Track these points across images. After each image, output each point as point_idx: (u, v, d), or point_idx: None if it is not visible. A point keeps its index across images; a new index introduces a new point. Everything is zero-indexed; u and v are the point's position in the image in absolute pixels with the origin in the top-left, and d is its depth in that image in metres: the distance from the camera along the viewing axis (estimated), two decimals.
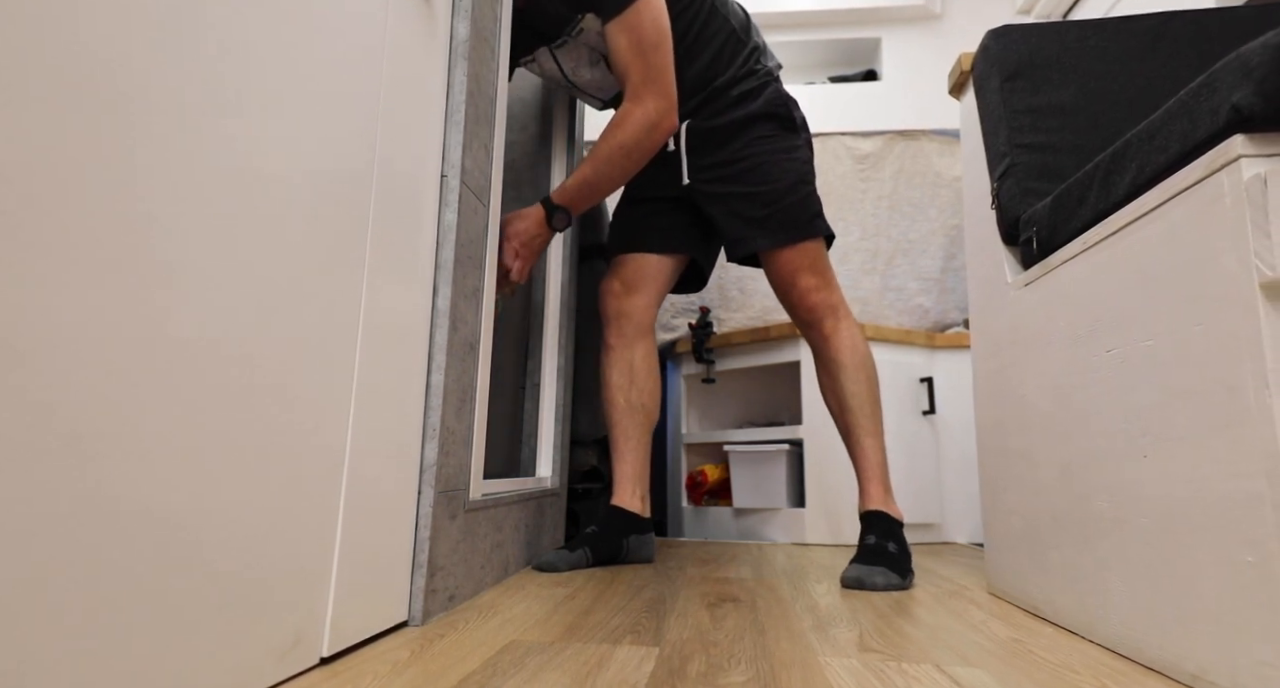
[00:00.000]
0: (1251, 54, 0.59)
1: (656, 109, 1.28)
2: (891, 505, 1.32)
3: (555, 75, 1.45)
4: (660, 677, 0.66)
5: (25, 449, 0.37)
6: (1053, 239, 0.94)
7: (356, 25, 0.71)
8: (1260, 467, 0.58)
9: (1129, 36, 1.09)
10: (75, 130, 0.39)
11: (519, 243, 1.25)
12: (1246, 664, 0.59)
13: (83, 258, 0.40)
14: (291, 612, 0.60)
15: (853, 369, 1.37)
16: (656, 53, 1.26)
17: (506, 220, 1.26)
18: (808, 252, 1.40)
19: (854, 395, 1.36)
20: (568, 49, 1.38)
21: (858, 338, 1.40)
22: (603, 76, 1.43)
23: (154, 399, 0.45)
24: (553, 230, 1.29)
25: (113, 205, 0.42)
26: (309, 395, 0.62)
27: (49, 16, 0.38)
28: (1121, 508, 0.77)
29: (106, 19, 0.41)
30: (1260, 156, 0.58)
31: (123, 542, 0.43)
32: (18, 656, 0.37)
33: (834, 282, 1.42)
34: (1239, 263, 0.60)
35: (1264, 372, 0.57)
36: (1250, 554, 0.59)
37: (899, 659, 0.74)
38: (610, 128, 1.29)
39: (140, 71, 0.44)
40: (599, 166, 1.29)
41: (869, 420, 1.36)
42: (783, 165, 1.40)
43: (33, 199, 0.37)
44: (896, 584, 1.16)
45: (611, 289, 1.48)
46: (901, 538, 1.27)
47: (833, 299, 1.40)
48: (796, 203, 1.40)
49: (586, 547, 1.31)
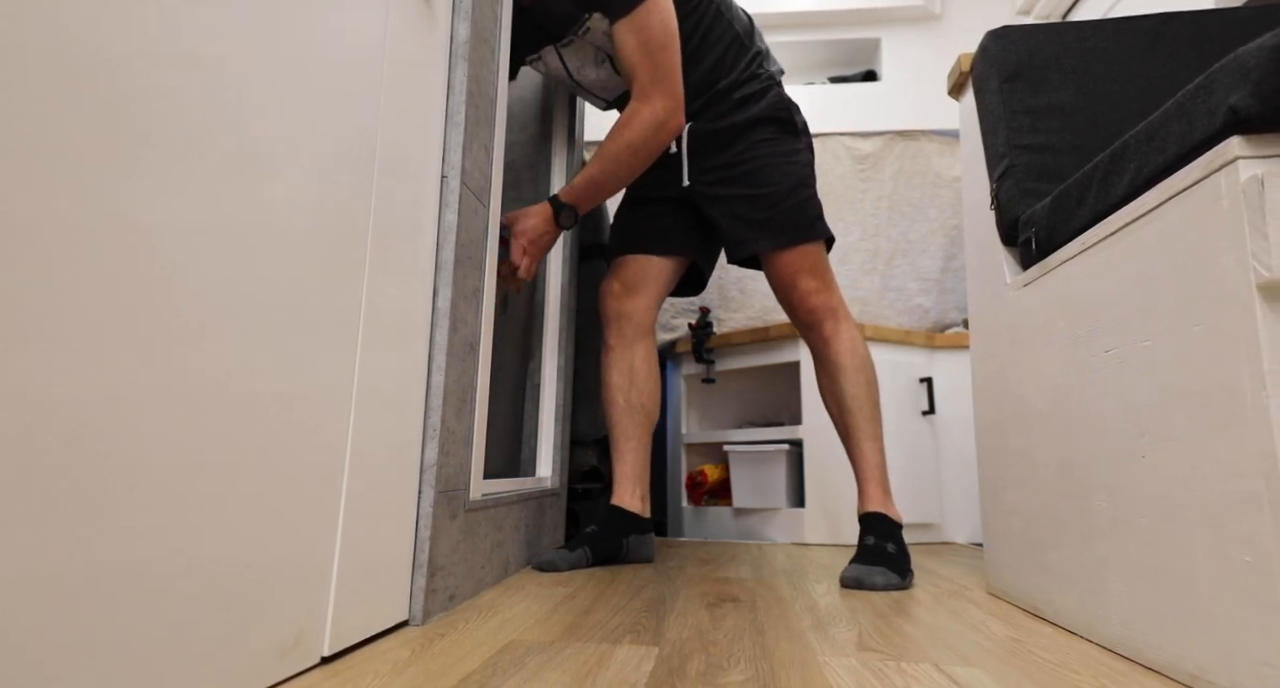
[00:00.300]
0: (1248, 56, 0.59)
1: (664, 108, 1.28)
2: (890, 507, 1.32)
3: (560, 74, 1.46)
4: (660, 676, 0.66)
5: (25, 449, 0.37)
6: (1052, 240, 0.94)
7: (357, 27, 0.71)
8: (1257, 467, 0.58)
9: (1128, 37, 1.10)
10: (78, 130, 0.40)
11: (527, 240, 1.25)
12: (1245, 664, 0.59)
13: (86, 257, 0.40)
14: (293, 611, 0.61)
15: (852, 371, 1.37)
16: (664, 52, 1.27)
17: (513, 218, 1.27)
18: (808, 254, 1.40)
19: (853, 397, 1.37)
20: (574, 48, 1.38)
21: (857, 340, 1.40)
22: (608, 76, 1.43)
23: (155, 400, 0.45)
24: (560, 228, 1.30)
25: (115, 205, 0.42)
26: (310, 396, 0.63)
27: (59, 18, 0.38)
28: (1120, 508, 0.77)
29: (109, 20, 0.41)
30: (1257, 158, 0.59)
31: (126, 543, 0.43)
32: (26, 655, 0.37)
33: (834, 284, 1.43)
34: (1236, 264, 0.60)
35: (1261, 372, 0.57)
36: (1248, 554, 0.59)
37: (898, 659, 0.74)
38: (617, 127, 1.30)
39: (141, 72, 0.44)
40: (606, 165, 1.29)
41: (868, 423, 1.37)
42: (784, 168, 1.41)
43: (36, 198, 0.37)
44: (896, 584, 1.16)
45: (612, 290, 1.48)
46: (900, 539, 1.27)
47: (832, 301, 1.40)
48: (797, 205, 1.40)
49: (586, 546, 1.31)
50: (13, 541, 0.36)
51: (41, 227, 0.38)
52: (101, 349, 0.41)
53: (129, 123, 0.43)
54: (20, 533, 0.37)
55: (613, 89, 1.47)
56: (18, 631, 0.37)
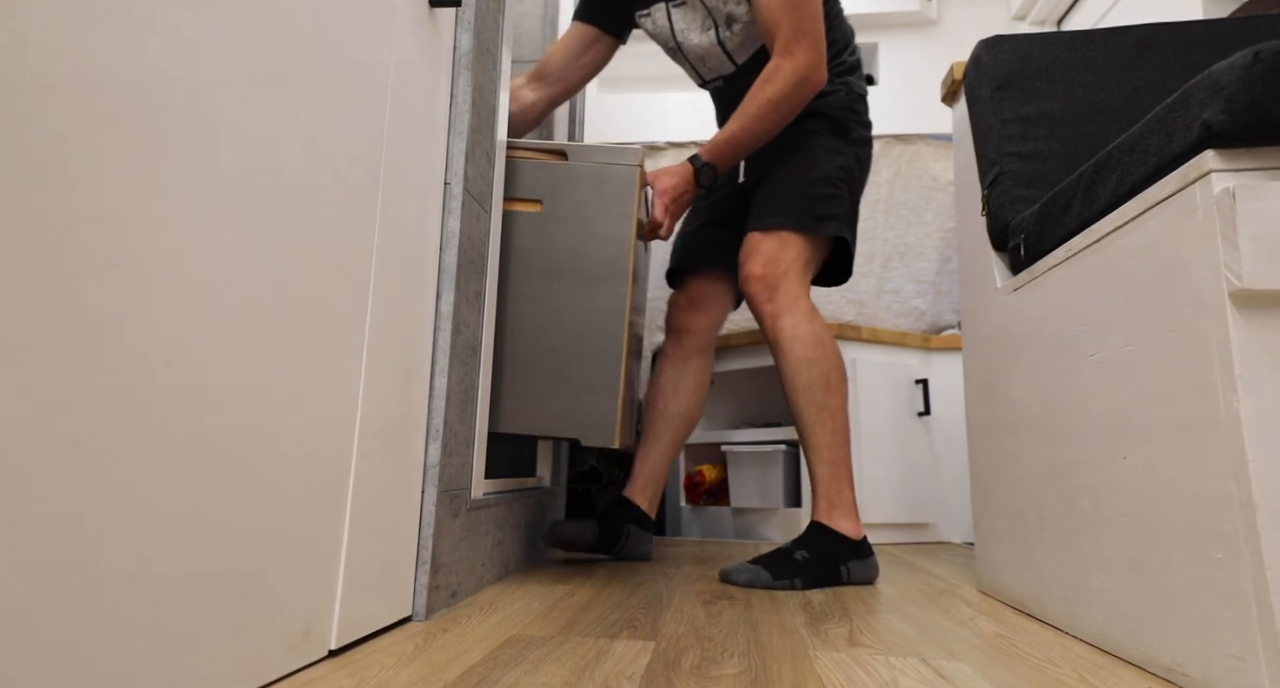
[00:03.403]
0: (1221, 73, 0.61)
1: (807, 63, 1.26)
2: (835, 517, 1.24)
3: (665, 34, 1.45)
4: (656, 669, 0.68)
5: (44, 450, 0.40)
6: (1040, 246, 0.97)
7: (364, 40, 0.74)
8: (1229, 467, 0.60)
9: (1116, 47, 1.12)
10: (99, 143, 0.42)
11: (669, 199, 1.27)
12: (1216, 657, 0.62)
13: (107, 263, 0.43)
14: (302, 606, 0.63)
15: (790, 376, 1.28)
16: (809, 6, 1.26)
17: (655, 176, 1.28)
18: (784, 239, 1.32)
19: (792, 404, 1.29)
20: (686, 9, 1.39)
21: (798, 340, 1.27)
22: (709, 47, 1.42)
23: (174, 403, 0.48)
24: (700, 187, 1.31)
25: (134, 208, 0.45)
26: (318, 397, 0.65)
27: (72, 29, 0.40)
28: (1103, 508, 0.80)
29: (123, 34, 0.44)
30: (1229, 171, 0.61)
31: (151, 542, 0.46)
32: (52, 645, 0.39)
33: (793, 278, 1.31)
34: (1210, 273, 0.62)
35: (1233, 377, 0.60)
36: (1220, 551, 0.61)
37: (886, 653, 0.77)
38: (759, 84, 1.28)
39: (157, 86, 0.46)
40: (748, 123, 1.28)
41: (809, 433, 1.27)
42: (818, 158, 1.37)
43: (55, 198, 0.40)
44: (765, 582, 1.17)
45: (679, 303, 1.51)
46: (823, 547, 1.21)
47: (775, 298, 1.30)
48: (812, 196, 1.35)
49: (594, 521, 1.36)
50: (43, 539, 0.39)
51: (65, 226, 0.40)
52: (122, 354, 0.44)
53: (145, 136, 0.45)
54: (50, 531, 0.39)
55: (709, 63, 1.45)
56: (54, 622, 0.39)
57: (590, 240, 1.15)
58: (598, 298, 1.14)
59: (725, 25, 1.38)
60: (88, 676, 0.42)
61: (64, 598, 0.40)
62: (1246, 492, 0.58)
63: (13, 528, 0.37)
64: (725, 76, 1.46)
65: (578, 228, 1.16)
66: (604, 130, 2.64)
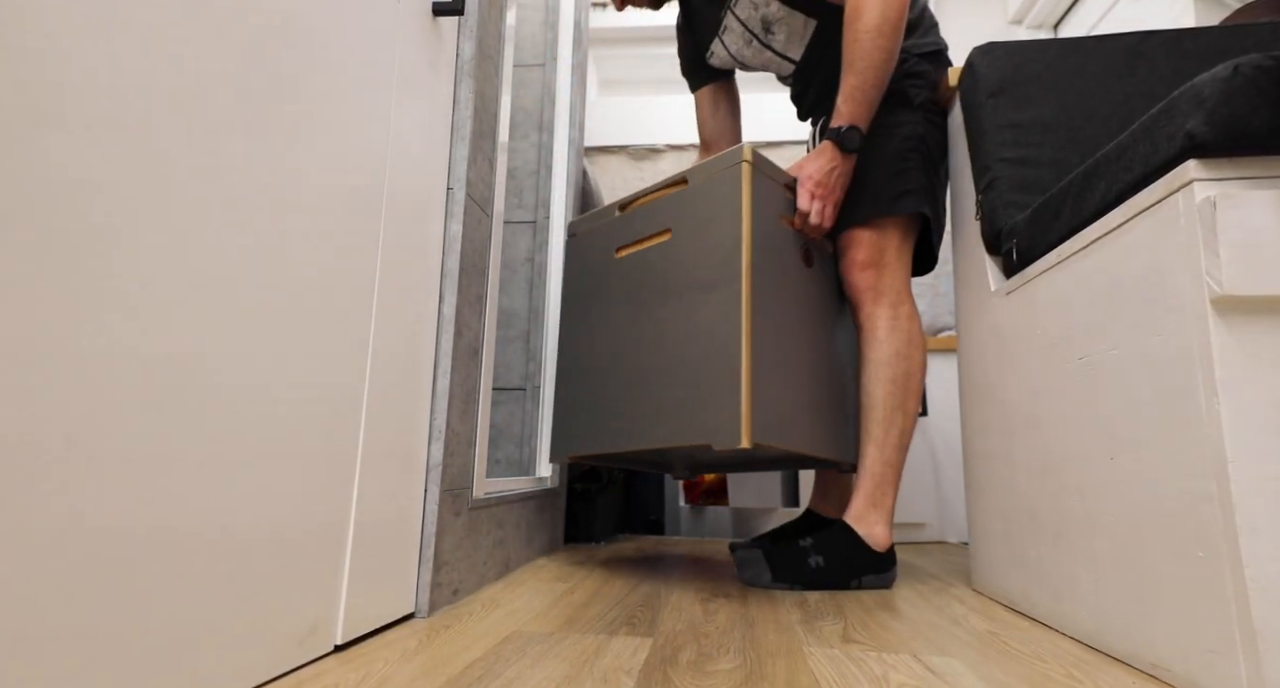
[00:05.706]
0: (1204, 85, 0.63)
1: None
2: (869, 523, 1.20)
3: (731, 62, 1.48)
4: (653, 664, 0.70)
5: (51, 448, 0.41)
6: (1031, 250, 0.98)
7: (369, 48, 0.76)
8: (1210, 468, 0.62)
9: (1108, 54, 1.14)
10: (108, 152, 0.44)
11: (813, 184, 1.21)
12: (1197, 653, 0.63)
13: (117, 269, 0.44)
14: (309, 603, 0.65)
15: (876, 365, 1.26)
16: None
17: (797, 167, 1.24)
18: (877, 226, 1.28)
19: (869, 394, 1.26)
20: (729, 33, 1.41)
21: (897, 333, 1.26)
22: (762, 56, 1.42)
23: (184, 409, 0.50)
24: (850, 154, 1.23)
25: (149, 217, 0.46)
26: (324, 400, 0.67)
27: (78, 37, 0.42)
28: (1091, 507, 0.82)
29: (128, 43, 0.46)
30: (1211, 181, 0.63)
31: (165, 542, 0.47)
32: (66, 639, 0.41)
33: (894, 264, 1.29)
34: (1192, 279, 0.64)
35: (1214, 380, 0.62)
36: (1201, 549, 0.63)
37: (879, 650, 0.78)
38: (848, 26, 1.23)
39: (169, 97, 0.48)
40: (858, 65, 1.22)
41: (877, 425, 1.24)
42: (878, 139, 1.30)
43: (77, 210, 0.42)
44: (766, 582, 1.16)
45: None
46: (842, 555, 1.17)
47: (880, 283, 1.27)
48: (883, 178, 1.30)
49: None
50: (60, 542, 0.41)
51: (81, 236, 0.42)
52: (127, 356, 0.46)
53: (158, 146, 0.47)
54: (65, 536, 0.41)
55: (775, 69, 1.45)
56: (76, 620, 0.41)
57: (710, 249, 1.14)
58: (714, 301, 1.11)
59: (764, 32, 1.38)
60: (104, 669, 0.43)
61: (81, 594, 0.42)
62: (1226, 492, 0.60)
63: (22, 524, 0.39)
64: (794, 73, 1.46)
65: (700, 241, 1.16)
66: (604, 133, 2.66)
